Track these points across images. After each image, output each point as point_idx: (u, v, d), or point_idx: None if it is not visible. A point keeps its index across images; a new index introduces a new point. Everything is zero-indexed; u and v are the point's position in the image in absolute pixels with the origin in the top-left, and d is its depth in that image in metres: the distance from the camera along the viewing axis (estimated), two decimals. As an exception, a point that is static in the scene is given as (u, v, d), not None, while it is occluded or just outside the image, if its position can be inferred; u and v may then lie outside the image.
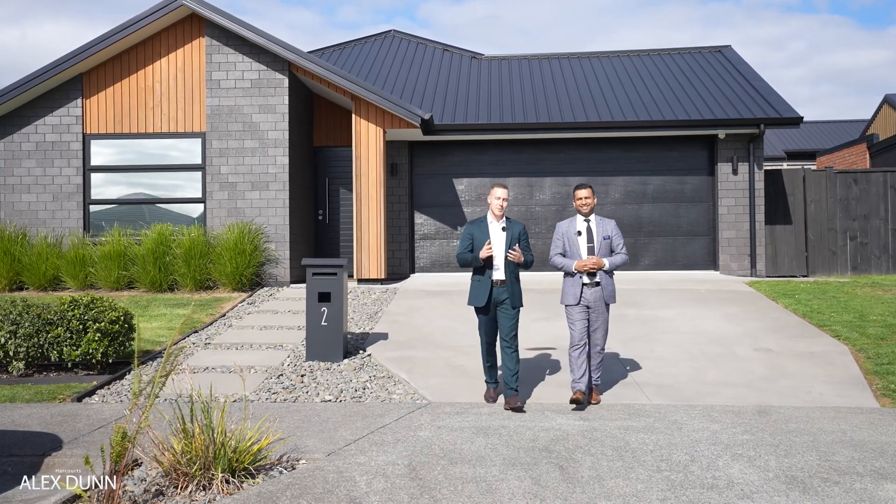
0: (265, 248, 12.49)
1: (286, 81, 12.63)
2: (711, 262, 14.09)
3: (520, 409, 6.39)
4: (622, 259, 6.75)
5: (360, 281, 12.77)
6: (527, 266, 6.69)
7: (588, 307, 6.63)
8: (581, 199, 6.75)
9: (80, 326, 7.65)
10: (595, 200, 6.81)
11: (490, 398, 6.80)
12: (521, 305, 6.70)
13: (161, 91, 12.73)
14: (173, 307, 11.02)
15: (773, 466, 4.93)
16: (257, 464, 4.81)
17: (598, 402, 6.69)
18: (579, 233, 6.75)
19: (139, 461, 4.90)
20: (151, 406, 4.38)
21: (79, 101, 12.69)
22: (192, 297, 11.80)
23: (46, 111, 12.69)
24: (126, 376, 7.75)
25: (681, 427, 5.89)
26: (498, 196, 6.71)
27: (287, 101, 12.63)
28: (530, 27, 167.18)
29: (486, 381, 6.92)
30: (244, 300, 11.52)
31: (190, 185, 12.79)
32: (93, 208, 12.79)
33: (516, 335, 6.66)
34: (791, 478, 4.72)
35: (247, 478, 4.67)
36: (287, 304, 11.16)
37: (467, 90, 15.25)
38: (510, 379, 6.55)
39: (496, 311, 6.66)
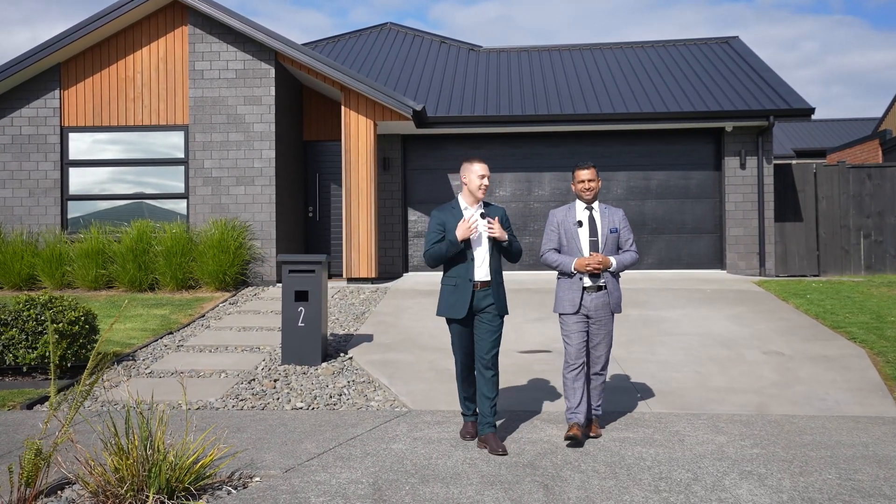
0: (250, 245, 11.94)
1: (272, 72, 12.08)
2: (718, 261, 13.48)
3: (503, 453, 4.97)
4: (631, 258, 5.47)
5: (350, 280, 12.21)
6: (516, 257, 5.36)
7: (588, 317, 5.37)
8: (584, 181, 5.41)
9: (38, 327, 7.12)
10: (600, 184, 5.49)
11: (468, 434, 5.32)
12: (507, 313, 5.35)
13: (142, 82, 12.20)
14: (151, 307, 10.48)
15: (787, 487, 4.34)
16: (202, 482, 4.25)
17: (597, 436, 5.38)
18: (580, 223, 5.44)
19: (71, 480, 4.34)
20: (73, 418, 3.83)
21: (56, 92, 12.17)
22: (173, 296, 11.27)
23: (23, 103, 12.16)
24: (86, 381, 7.19)
25: (683, 439, 5.31)
26: (480, 174, 5.25)
27: (273, 93, 12.08)
28: (541, 28, 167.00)
29: (464, 415, 5.45)
30: (226, 300, 10.97)
31: (172, 179, 12.25)
32: (71, 204, 12.26)
33: (497, 354, 5.22)
34: (808, 500, 4.13)
35: (188, 499, 4.11)
36: (271, 304, 10.61)
37: (464, 82, 14.68)
38: (487, 411, 5.12)
39: (474, 322, 5.23)
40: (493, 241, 5.20)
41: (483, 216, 5.18)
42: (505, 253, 5.31)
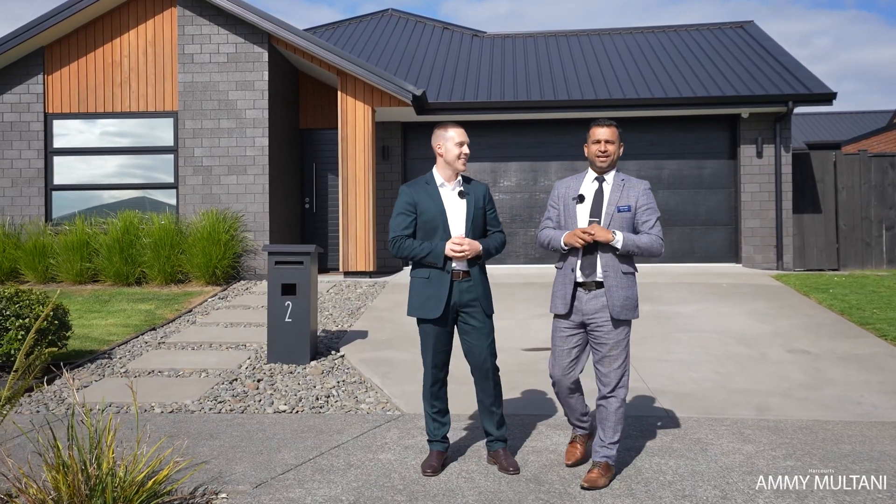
0: (242, 237, 11.39)
1: (265, 55, 11.51)
2: (733, 254, 12.87)
3: (514, 472, 4.26)
4: (650, 241, 4.14)
5: (347, 274, 11.66)
6: (495, 252, 4.38)
7: (584, 325, 4.18)
8: (599, 141, 4.20)
9: (3, 322, 6.58)
10: (621, 151, 4.28)
11: (430, 467, 4.26)
12: (492, 312, 4.41)
13: (129, 66, 11.64)
14: (136, 302, 9.94)
15: (831, 507, 3.77)
16: (157, 501, 3.70)
17: (603, 486, 4.00)
18: (580, 198, 4.20)
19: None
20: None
21: (40, 77, 11.63)
22: (161, 291, 10.73)
23: (5, 88, 11.62)
24: (55, 381, 6.66)
25: (706, 448, 4.73)
26: (457, 141, 4.29)
27: (267, 77, 11.51)
28: (553, 24, 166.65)
29: (430, 441, 4.40)
30: (216, 294, 10.43)
31: (161, 169, 11.70)
32: (55, 194, 11.72)
33: (496, 359, 4.39)
34: (857, 524, 3.56)
35: (138, 521, 3.56)
36: (262, 298, 10.04)
37: (467, 68, 14.09)
38: (493, 427, 4.37)
39: (454, 322, 4.35)
40: (473, 219, 4.30)
41: (461, 195, 4.34)
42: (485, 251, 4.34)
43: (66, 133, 11.74)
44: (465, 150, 4.33)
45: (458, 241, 4.19)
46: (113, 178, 11.75)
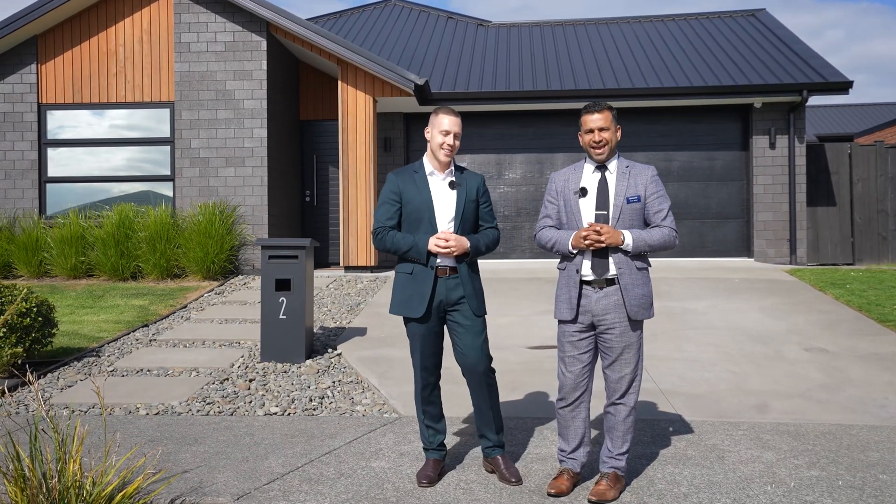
0: (240, 231, 11.09)
1: (264, 44, 11.20)
2: (745, 248, 12.52)
3: (516, 482, 3.93)
4: (662, 236, 3.74)
5: (348, 268, 11.36)
6: (485, 249, 4.06)
7: (594, 327, 3.81)
8: (592, 130, 3.79)
9: (-16, 319, 6.30)
10: (618, 136, 3.88)
11: (426, 479, 3.94)
12: (485, 313, 4.09)
13: (125, 56, 11.35)
14: (130, 297, 9.67)
15: (863, 524, 3.45)
16: (127, 515, 3.41)
17: (612, 499, 3.69)
18: (582, 191, 3.81)
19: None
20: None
21: (33, 66, 11.34)
22: (157, 286, 10.45)
23: (-3, 78, 11.38)
24: (40, 380, 6.39)
25: (722, 456, 4.41)
26: (444, 129, 3.95)
27: (265, 67, 11.20)
28: (562, 14, 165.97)
29: (426, 449, 4.11)
30: (212, 289, 10.14)
31: (158, 160, 11.42)
32: (49, 187, 11.45)
33: (491, 361, 4.06)
34: (892, 544, 3.24)
35: (106, 538, 3.27)
36: (259, 294, 9.76)
37: (471, 58, 13.75)
38: (491, 432, 4.05)
39: (443, 322, 4.05)
40: (463, 211, 3.98)
41: (452, 186, 4.02)
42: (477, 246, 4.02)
43: (61, 124, 11.46)
44: (451, 140, 3.95)
45: (444, 236, 3.89)
46: (109, 171, 11.47)
